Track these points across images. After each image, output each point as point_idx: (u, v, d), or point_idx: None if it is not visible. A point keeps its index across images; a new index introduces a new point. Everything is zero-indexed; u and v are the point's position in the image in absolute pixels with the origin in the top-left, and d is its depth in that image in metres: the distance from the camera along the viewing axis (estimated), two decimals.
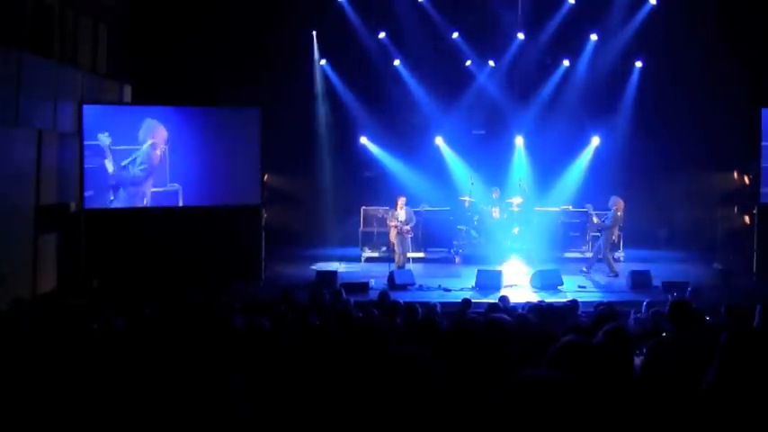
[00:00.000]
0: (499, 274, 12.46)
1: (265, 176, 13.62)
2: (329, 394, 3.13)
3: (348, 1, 16.12)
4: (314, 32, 16.41)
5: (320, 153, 16.81)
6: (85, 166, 12.26)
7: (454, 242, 15.34)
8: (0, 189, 10.63)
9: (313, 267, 13.65)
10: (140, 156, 12.64)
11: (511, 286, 12.21)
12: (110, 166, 12.43)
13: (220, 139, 13.11)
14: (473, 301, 9.87)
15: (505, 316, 5.45)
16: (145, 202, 12.80)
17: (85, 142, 12.28)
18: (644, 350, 5.03)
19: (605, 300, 10.77)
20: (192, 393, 2.74)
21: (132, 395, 3.27)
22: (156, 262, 11.99)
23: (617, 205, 13.64)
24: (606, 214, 13.82)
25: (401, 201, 13.95)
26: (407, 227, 13.87)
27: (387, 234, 14.27)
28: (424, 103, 16.80)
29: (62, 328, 5.39)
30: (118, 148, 12.53)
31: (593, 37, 16.43)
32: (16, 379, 3.73)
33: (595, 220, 13.98)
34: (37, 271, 11.71)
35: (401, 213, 13.83)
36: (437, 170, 16.70)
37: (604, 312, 6.72)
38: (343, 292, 9.49)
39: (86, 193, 12.28)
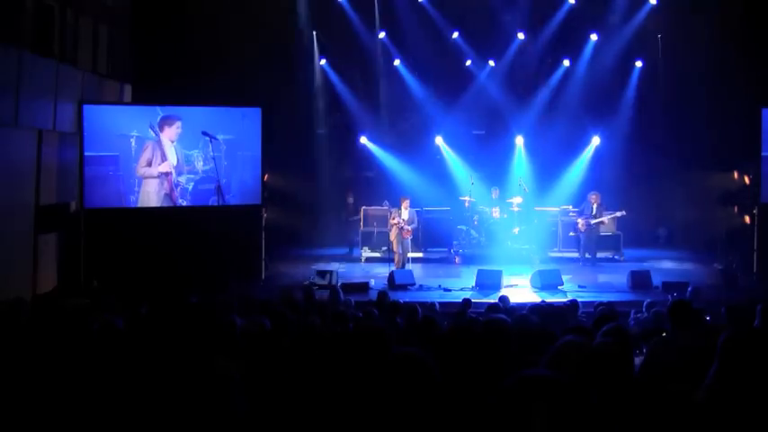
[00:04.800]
0: (499, 273, 12.46)
1: (265, 176, 13.61)
2: (327, 395, 3.13)
3: (348, 1, 16.12)
4: (314, 32, 16.38)
5: (320, 153, 16.77)
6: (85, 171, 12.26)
7: (454, 242, 15.33)
8: (0, 189, 10.63)
9: (313, 267, 13.64)
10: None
11: (511, 286, 12.21)
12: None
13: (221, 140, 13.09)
14: (473, 301, 9.89)
15: (505, 316, 5.45)
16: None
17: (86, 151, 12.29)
18: (644, 350, 5.03)
19: (605, 300, 10.76)
20: (191, 392, 2.73)
21: (132, 395, 3.27)
22: (155, 262, 11.96)
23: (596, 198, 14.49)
24: (586, 210, 14.44)
25: (406, 202, 13.94)
26: (408, 227, 13.86)
27: (387, 234, 14.26)
28: (424, 103, 16.79)
29: (62, 328, 5.38)
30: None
31: (594, 37, 16.42)
32: (16, 379, 3.73)
33: (589, 221, 14.43)
34: (37, 271, 11.70)
35: (405, 213, 13.84)
36: (437, 170, 16.70)
37: (605, 312, 6.71)
38: (340, 292, 9.47)
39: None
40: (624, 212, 14.60)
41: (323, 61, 16.55)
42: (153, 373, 3.49)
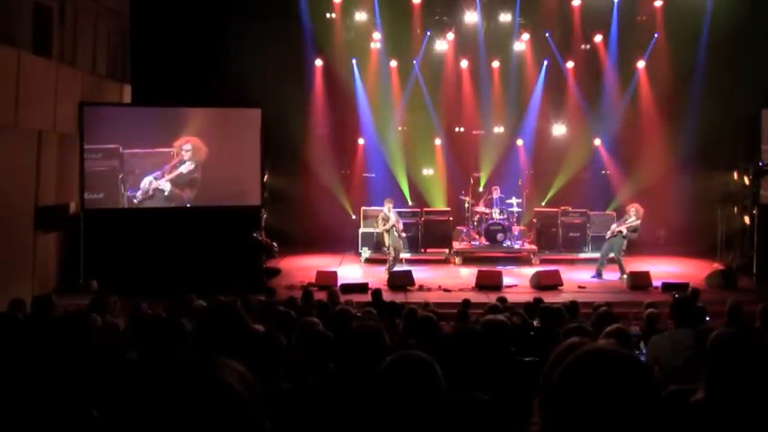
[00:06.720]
0: (499, 274, 12.45)
1: (265, 177, 13.59)
2: (326, 396, 3.13)
3: (347, 1, 16.10)
4: (315, 31, 16.31)
5: (320, 153, 16.70)
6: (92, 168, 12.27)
7: (454, 243, 15.32)
8: (0, 189, 10.62)
9: (313, 267, 13.61)
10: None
11: (511, 287, 12.20)
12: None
13: (221, 140, 13.08)
14: (473, 301, 9.87)
15: (505, 317, 5.45)
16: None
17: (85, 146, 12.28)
18: (644, 350, 5.04)
19: (605, 300, 10.74)
20: (191, 392, 2.73)
21: (135, 398, 3.27)
22: (155, 262, 11.93)
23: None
24: (627, 219, 13.48)
25: (391, 203, 13.90)
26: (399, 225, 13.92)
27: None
28: (423, 103, 16.76)
29: (62, 328, 5.38)
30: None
31: (595, 37, 16.41)
32: (16, 380, 3.72)
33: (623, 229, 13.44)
34: (37, 271, 11.70)
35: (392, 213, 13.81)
36: (437, 170, 16.69)
37: (605, 313, 6.71)
38: (339, 293, 9.46)
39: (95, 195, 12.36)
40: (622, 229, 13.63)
41: (321, 62, 16.47)
42: (157, 374, 3.48)
